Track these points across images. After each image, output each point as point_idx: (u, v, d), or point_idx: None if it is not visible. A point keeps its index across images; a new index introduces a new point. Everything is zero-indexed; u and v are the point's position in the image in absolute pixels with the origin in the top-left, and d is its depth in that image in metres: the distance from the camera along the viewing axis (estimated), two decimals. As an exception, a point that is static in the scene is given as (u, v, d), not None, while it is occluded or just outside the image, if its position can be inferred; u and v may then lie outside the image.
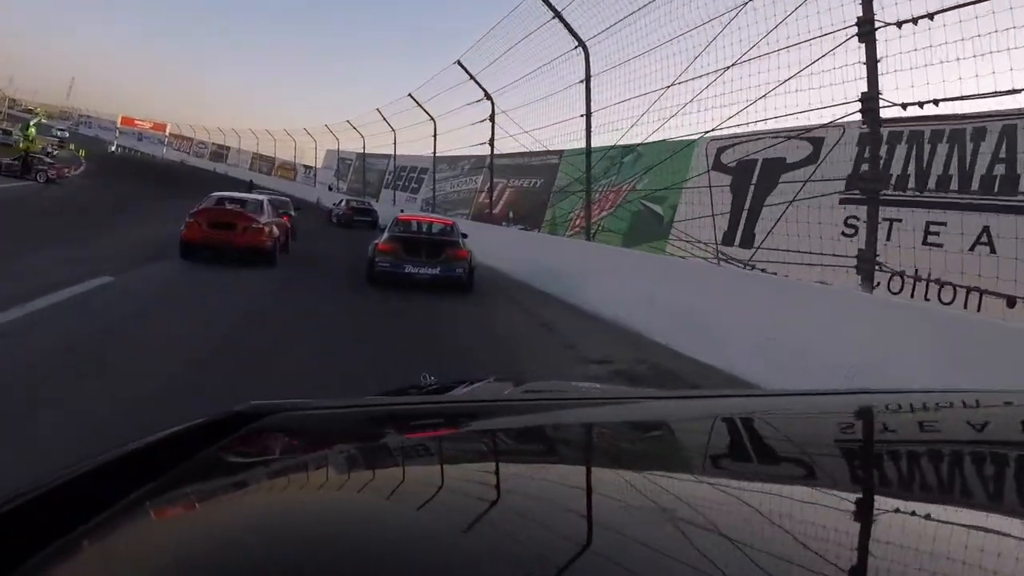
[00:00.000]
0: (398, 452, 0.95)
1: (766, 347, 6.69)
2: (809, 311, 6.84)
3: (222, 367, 5.70)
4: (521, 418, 1.22)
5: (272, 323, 8.12)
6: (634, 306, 9.71)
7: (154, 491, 0.69)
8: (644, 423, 1.19)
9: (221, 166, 68.98)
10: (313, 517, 0.63)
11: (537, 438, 1.09)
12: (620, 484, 0.80)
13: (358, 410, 1.17)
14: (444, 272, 11.39)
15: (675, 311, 8.65)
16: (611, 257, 13.10)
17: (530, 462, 0.93)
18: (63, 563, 0.57)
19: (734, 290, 8.45)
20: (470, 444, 1.04)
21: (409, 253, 11.38)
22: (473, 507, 0.68)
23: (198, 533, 0.63)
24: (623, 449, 1.02)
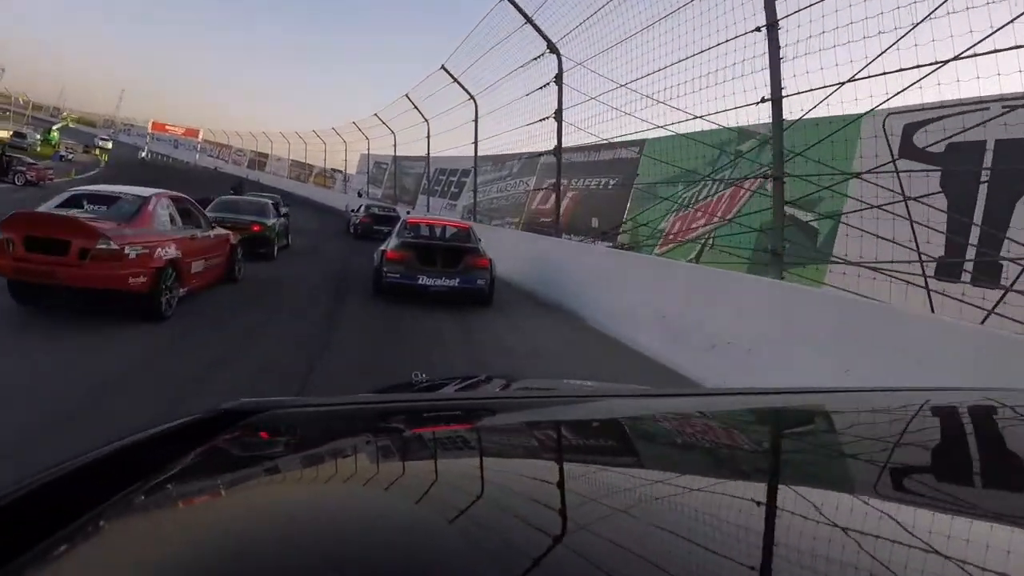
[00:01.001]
0: (388, 449, 0.95)
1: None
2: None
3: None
4: (512, 415, 1.23)
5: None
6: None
7: (144, 488, 0.69)
8: (636, 420, 1.20)
9: (254, 173, 65.82)
10: (304, 514, 0.64)
11: (528, 435, 1.08)
12: (611, 480, 0.81)
13: (348, 408, 1.19)
14: (463, 284, 10.05)
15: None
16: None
17: (520, 459, 0.92)
18: (52, 561, 0.57)
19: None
20: (461, 441, 1.02)
21: (422, 262, 10.03)
22: (464, 503, 0.67)
23: (189, 530, 0.62)
24: (614, 446, 1.03)
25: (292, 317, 8.31)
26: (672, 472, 0.85)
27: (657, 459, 0.94)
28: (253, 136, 71.13)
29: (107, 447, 0.78)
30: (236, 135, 78.77)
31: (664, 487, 0.77)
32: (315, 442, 0.97)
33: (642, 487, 0.77)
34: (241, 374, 5.61)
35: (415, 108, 24.58)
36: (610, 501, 0.70)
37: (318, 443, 0.97)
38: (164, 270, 7.03)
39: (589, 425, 1.14)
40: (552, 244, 13.80)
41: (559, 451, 0.98)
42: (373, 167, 43.58)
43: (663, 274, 8.85)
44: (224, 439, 0.86)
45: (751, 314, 6.66)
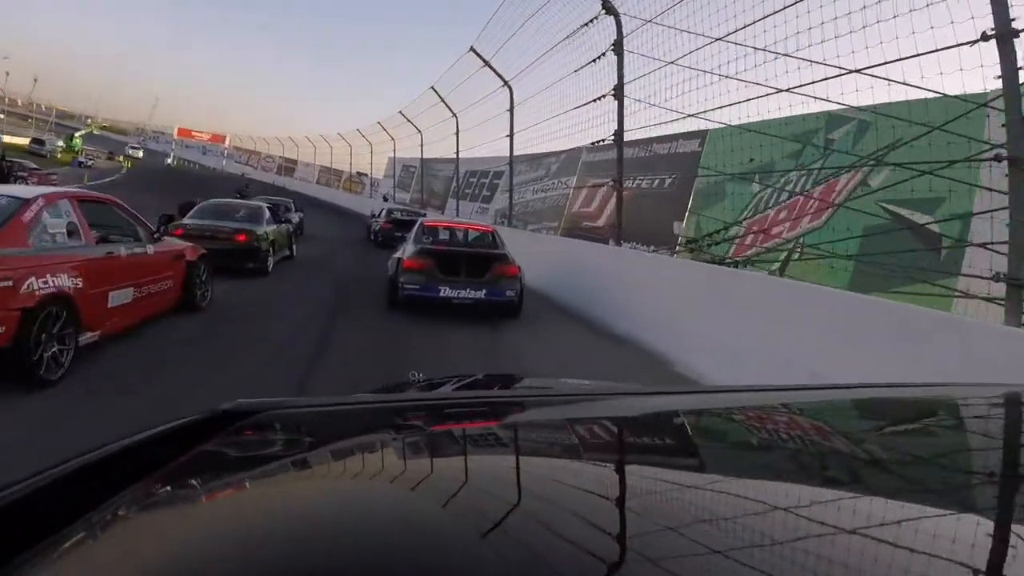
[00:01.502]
0: (385, 449, 0.95)
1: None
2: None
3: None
4: (510, 414, 1.24)
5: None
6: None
7: (142, 489, 0.70)
8: (632, 419, 1.19)
9: (280, 179, 65.73)
10: (301, 514, 0.64)
11: (525, 433, 1.08)
12: (608, 478, 0.82)
13: (346, 408, 1.19)
14: (491, 295, 8.96)
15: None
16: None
17: (518, 457, 0.92)
18: (51, 561, 0.57)
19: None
20: (459, 440, 1.03)
21: (444, 271, 8.89)
22: (461, 502, 0.68)
23: (186, 530, 0.63)
24: (610, 444, 1.03)
25: (257, 370, 5.68)
26: (676, 470, 0.87)
27: (658, 457, 0.94)
28: (280, 141, 70.15)
29: (105, 448, 0.79)
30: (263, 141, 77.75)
31: (669, 485, 0.78)
32: (312, 442, 0.98)
33: (647, 486, 0.78)
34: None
35: (442, 101, 22.10)
36: (615, 499, 0.71)
37: (315, 443, 0.98)
38: (39, 311, 4.56)
39: (588, 423, 1.15)
40: (610, 255, 11.17)
41: (558, 449, 0.99)
42: (400, 170, 41.58)
43: (798, 300, 6.10)
44: (221, 440, 0.86)
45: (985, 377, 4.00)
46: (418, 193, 35.98)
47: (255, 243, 11.01)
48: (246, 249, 10.87)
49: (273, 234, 12.07)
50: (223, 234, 10.65)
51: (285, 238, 13.44)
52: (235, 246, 10.67)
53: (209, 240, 10.40)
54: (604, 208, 19.69)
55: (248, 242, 10.92)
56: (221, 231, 10.70)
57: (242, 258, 10.79)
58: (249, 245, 10.93)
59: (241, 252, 10.77)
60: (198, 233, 10.41)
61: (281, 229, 13.13)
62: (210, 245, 10.25)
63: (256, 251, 11.04)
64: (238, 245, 10.73)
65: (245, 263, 10.83)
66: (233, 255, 10.62)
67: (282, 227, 13.32)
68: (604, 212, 19.59)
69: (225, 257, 10.50)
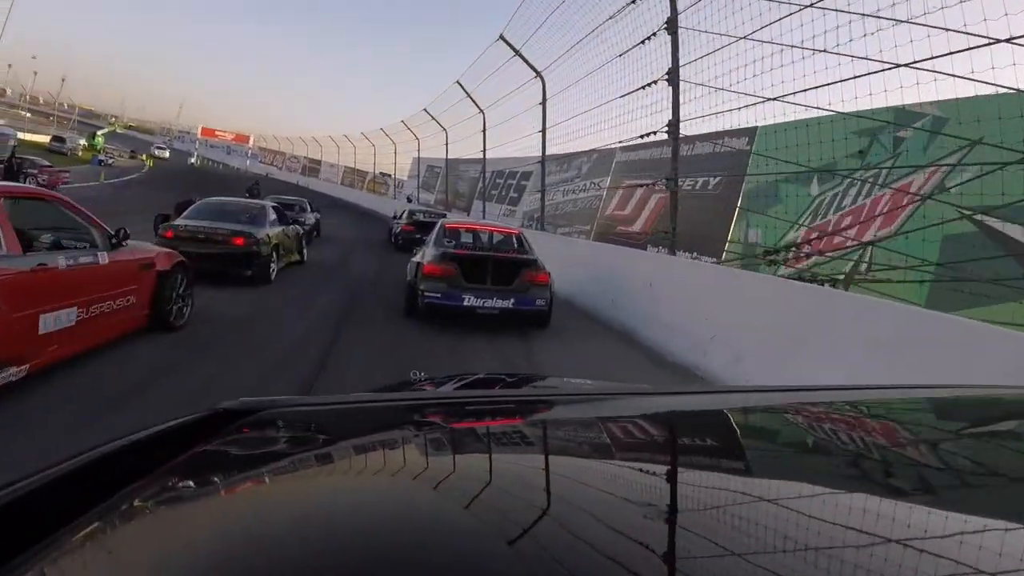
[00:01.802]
0: (388, 448, 0.96)
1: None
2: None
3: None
4: (513, 413, 1.24)
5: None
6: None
7: (144, 487, 0.71)
8: (635, 418, 1.19)
9: (304, 179, 65.56)
10: (303, 512, 0.64)
11: (527, 432, 1.09)
12: (608, 478, 0.81)
13: (348, 406, 1.19)
14: (520, 304, 8.23)
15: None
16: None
17: (519, 455, 0.92)
18: (52, 559, 0.57)
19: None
20: (460, 439, 1.02)
21: (469, 277, 8.19)
22: (465, 500, 0.68)
23: (188, 529, 0.63)
24: (612, 444, 1.02)
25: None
26: (678, 470, 0.87)
27: (661, 457, 0.95)
28: (304, 142, 69.97)
29: (107, 446, 0.79)
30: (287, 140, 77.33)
31: (671, 485, 0.79)
32: (315, 441, 0.98)
33: (649, 485, 0.79)
34: None
35: (468, 97, 20.89)
36: (616, 498, 0.72)
37: (318, 441, 0.97)
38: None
39: (594, 422, 1.15)
40: (661, 266, 9.67)
41: (559, 447, 0.99)
42: (425, 171, 40.60)
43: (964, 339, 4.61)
44: (223, 438, 0.87)
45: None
46: (443, 194, 35.02)
47: (254, 247, 9.88)
48: (243, 254, 9.74)
49: (278, 237, 11.01)
50: (218, 237, 9.59)
51: (293, 241, 12.37)
52: (230, 250, 9.60)
53: (202, 244, 9.34)
54: (641, 211, 18.36)
55: (246, 246, 9.78)
56: (216, 234, 9.62)
57: (239, 264, 9.70)
58: (247, 249, 9.78)
59: (238, 257, 9.68)
60: (189, 236, 9.33)
61: (289, 231, 12.08)
62: (203, 249, 9.20)
63: (255, 256, 9.89)
64: (234, 249, 9.64)
65: (242, 269, 9.74)
66: (228, 260, 9.58)
67: (290, 229, 12.24)
68: (641, 215, 18.25)
69: (219, 263, 9.43)
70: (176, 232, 9.37)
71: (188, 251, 9.11)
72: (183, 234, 9.35)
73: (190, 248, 9.00)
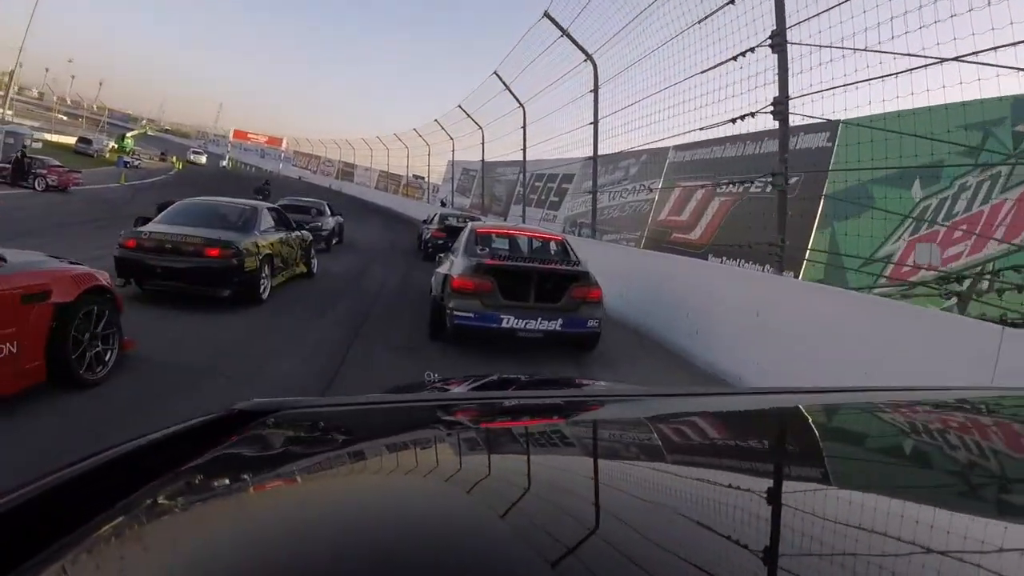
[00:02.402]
0: (403, 448, 0.96)
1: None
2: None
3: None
4: (528, 414, 1.24)
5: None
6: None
7: (160, 487, 0.71)
8: (646, 420, 1.19)
9: (337, 183, 65.17)
10: (319, 512, 0.65)
11: (540, 434, 1.08)
12: (621, 479, 0.82)
13: (362, 407, 1.20)
14: (569, 326, 7.15)
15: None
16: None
17: (536, 456, 0.92)
18: (68, 559, 0.57)
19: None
20: (475, 440, 1.03)
21: (508, 293, 7.09)
22: (481, 500, 0.69)
23: (204, 529, 0.64)
24: (624, 445, 1.03)
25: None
26: (689, 471, 0.87)
27: (672, 458, 0.94)
28: (337, 145, 69.23)
29: (123, 446, 0.80)
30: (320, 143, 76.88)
31: (680, 486, 0.80)
32: (329, 441, 0.98)
33: (659, 487, 0.79)
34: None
35: (507, 89, 19.16)
36: (626, 499, 0.72)
37: (332, 442, 0.98)
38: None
39: (604, 425, 1.16)
40: (775, 288, 7.24)
41: (575, 448, 1.00)
42: (460, 174, 39.20)
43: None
44: (239, 438, 0.87)
45: None
46: (478, 198, 33.66)
47: (233, 260, 7.95)
48: (220, 269, 7.87)
49: (272, 246, 9.20)
50: (188, 247, 7.77)
51: (297, 250, 10.60)
52: (203, 264, 7.79)
53: (168, 256, 7.63)
54: (700, 216, 16.42)
55: (223, 259, 7.86)
56: (186, 243, 7.80)
57: (213, 281, 7.91)
58: (225, 263, 7.88)
59: (212, 273, 7.85)
60: (155, 245, 7.65)
61: (291, 239, 10.29)
62: (169, 262, 7.55)
63: (234, 271, 7.98)
64: (208, 263, 7.81)
65: (218, 288, 7.95)
66: (200, 277, 7.81)
67: (293, 236, 10.44)
68: (700, 222, 16.31)
69: (189, 280, 7.73)
70: (139, 241, 7.70)
71: (153, 265, 7.52)
72: (147, 243, 7.68)
73: (155, 261, 7.44)
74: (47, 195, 22.10)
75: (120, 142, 48.91)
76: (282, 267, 9.66)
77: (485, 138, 25.95)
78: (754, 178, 10.49)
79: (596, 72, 13.15)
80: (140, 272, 7.73)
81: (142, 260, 7.56)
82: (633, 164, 21.24)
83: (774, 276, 7.62)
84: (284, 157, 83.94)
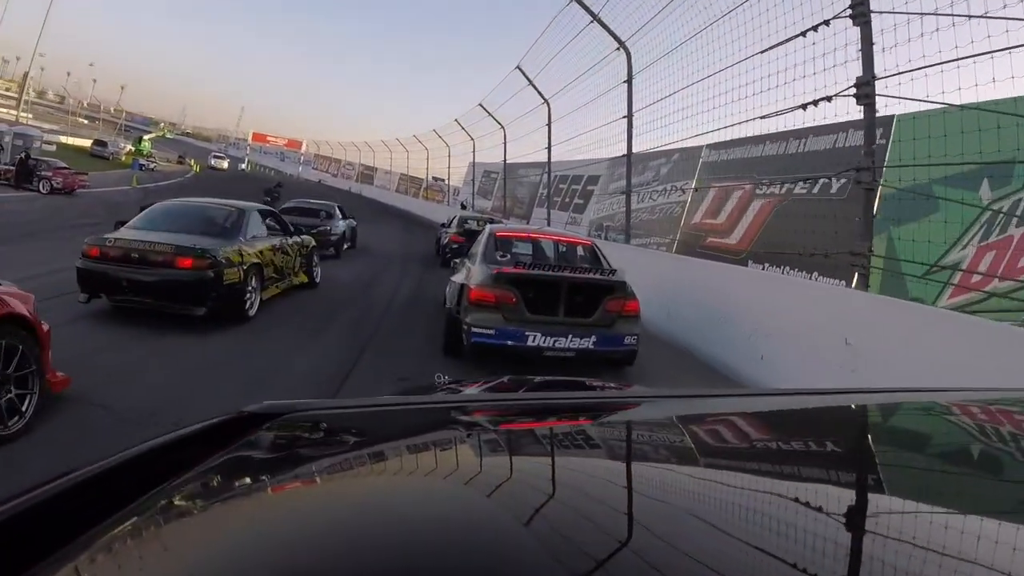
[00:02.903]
0: (415, 450, 0.96)
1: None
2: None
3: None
4: (542, 416, 1.24)
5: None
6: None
7: (171, 489, 0.71)
8: (657, 422, 1.20)
9: (357, 186, 65.04)
10: (332, 515, 0.65)
11: (561, 436, 1.07)
12: (650, 484, 0.81)
13: (373, 409, 1.19)
14: (603, 344, 6.38)
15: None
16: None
17: (555, 460, 0.90)
18: (80, 561, 0.58)
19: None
20: (493, 442, 1.03)
21: (533, 307, 6.38)
22: (489, 503, 0.69)
23: (215, 531, 0.64)
24: (654, 447, 1.03)
25: None
26: (698, 473, 0.86)
27: (681, 460, 0.94)
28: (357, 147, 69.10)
29: (134, 449, 0.80)
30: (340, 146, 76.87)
31: (689, 487, 0.79)
32: (343, 443, 0.97)
33: (669, 488, 0.79)
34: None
35: (531, 84, 18.24)
36: (637, 500, 0.72)
37: (344, 444, 0.97)
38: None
39: (614, 427, 1.15)
40: (867, 308, 5.95)
41: (585, 452, 0.97)
42: (481, 176, 38.50)
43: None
44: (250, 441, 0.87)
45: None
46: (500, 200, 32.85)
47: (209, 271, 6.83)
48: (192, 282, 6.75)
49: (262, 254, 8.12)
50: (156, 257, 6.72)
51: (295, 259, 9.53)
52: (173, 277, 6.73)
53: (134, 266, 6.63)
54: (738, 220, 15.32)
55: (196, 270, 6.76)
56: (155, 251, 6.74)
57: (184, 297, 6.80)
58: (199, 275, 6.76)
59: (183, 287, 6.75)
60: (120, 254, 6.64)
61: (288, 245, 9.25)
62: (134, 274, 6.59)
63: (210, 285, 6.84)
64: (179, 275, 6.74)
65: (191, 306, 6.83)
66: (168, 292, 6.75)
67: (290, 242, 9.41)
68: (738, 226, 15.22)
69: (157, 295, 6.71)
70: (103, 249, 6.69)
71: (118, 277, 6.56)
72: (112, 252, 6.65)
73: (121, 272, 6.49)
74: (50, 197, 21.79)
75: (137, 145, 49.05)
76: (276, 277, 8.75)
77: (507, 137, 25.06)
78: (833, 174, 9.32)
79: (630, 61, 12.18)
80: (103, 286, 6.78)
81: (105, 272, 6.58)
82: (664, 164, 20.27)
83: (866, 294, 6.38)
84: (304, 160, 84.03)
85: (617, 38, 12.13)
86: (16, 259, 9.44)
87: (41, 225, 14.61)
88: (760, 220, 14.55)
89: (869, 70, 6.08)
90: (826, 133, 13.53)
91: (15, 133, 28.80)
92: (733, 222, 15.54)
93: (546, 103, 18.28)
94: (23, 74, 58.60)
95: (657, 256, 13.53)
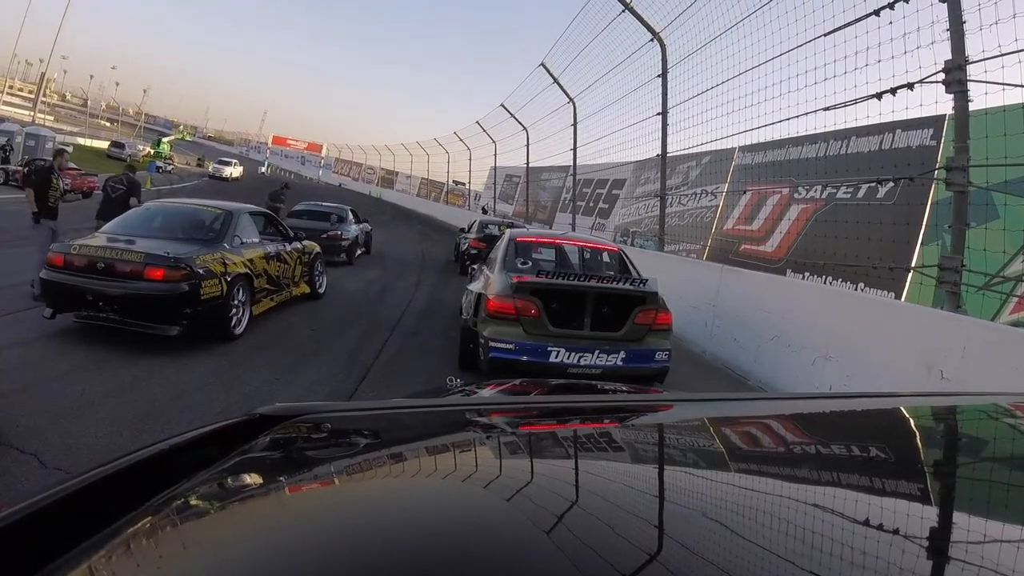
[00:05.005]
0: (427, 452, 0.95)
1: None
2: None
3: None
4: (556, 418, 1.24)
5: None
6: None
7: (183, 491, 0.72)
8: (686, 425, 1.18)
9: (376, 190, 65.24)
10: (342, 516, 0.66)
11: (580, 439, 1.07)
12: (663, 487, 0.81)
13: (385, 412, 1.21)
14: (633, 360, 5.92)
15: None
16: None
17: (576, 463, 0.92)
18: (93, 560, 0.58)
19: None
20: (503, 444, 1.02)
21: (557, 319, 5.96)
22: (508, 508, 0.68)
23: (227, 532, 0.65)
24: (664, 451, 1.02)
25: None
26: (706, 475, 0.86)
27: (687, 462, 0.93)
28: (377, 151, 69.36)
29: (145, 450, 0.82)
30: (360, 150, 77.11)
31: (695, 488, 0.79)
32: (354, 445, 0.97)
33: (678, 489, 0.79)
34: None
35: (555, 82, 17.71)
36: (644, 502, 0.72)
37: (357, 446, 0.97)
38: None
39: (624, 430, 1.13)
40: (963, 332, 5.17)
41: (596, 455, 0.97)
42: (503, 180, 38.10)
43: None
44: (262, 442, 0.88)
45: None
46: (522, 205, 32.47)
47: (183, 284, 6.05)
48: (163, 297, 5.98)
49: (253, 262, 7.36)
50: (124, 265, 5.99)
51: (294, 267, 8.76)
52: (141, 290, 5.95)
53: (100, 277, 5.94)
54: (774, 226, 14.59)
55: (169, 282, 5.98)
56: (121, 259, 6.02)
57: (155, 314, 6.05)
58: (170, 288, 5.98)
59: (154, 302, 5.99)
60: (85, 263, 6.00)
61: (286, 252, 8.48)
62: (99, 286, 5.90)
63: (184, 300, 6.06)
64: (148, 288, 5.96)
65: (163, 324, 6.08)
66: (136, 308, 6.01)
67: (289, 248, 8.64)
68: (775, 232, 14.48)
69: (123, 311, 6.00)
70: (67, 257, 6.04)
71: (81, 289, 5.88)
72: (77, 260, 6.00)
73: (85, 284, 5.83)
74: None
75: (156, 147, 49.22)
76: (270, 288, 7.97)
77: (530, 139, 24.52)
78: (917, 175, 8.55)
79: (664, 53, 11.58)
80: (66, 299, 6.12)
81: (68, 283, 5.94)
82: (693, 167, 19.55)
83: (971, 319, 5.45)
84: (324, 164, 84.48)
85: (651, 28, 11.55)
86: (1, 266, 9.01)
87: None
88: (799, 226, 13.81)
89: (960, 53, 5.36)
90: (869, 134, 12.81)
91: (27, 133, 28.58)
92: (769, 228, 14.82)
93: (571, 102, 17.73)
94: (40, 75, 59.39)
95: (696, 266, 12.69)
